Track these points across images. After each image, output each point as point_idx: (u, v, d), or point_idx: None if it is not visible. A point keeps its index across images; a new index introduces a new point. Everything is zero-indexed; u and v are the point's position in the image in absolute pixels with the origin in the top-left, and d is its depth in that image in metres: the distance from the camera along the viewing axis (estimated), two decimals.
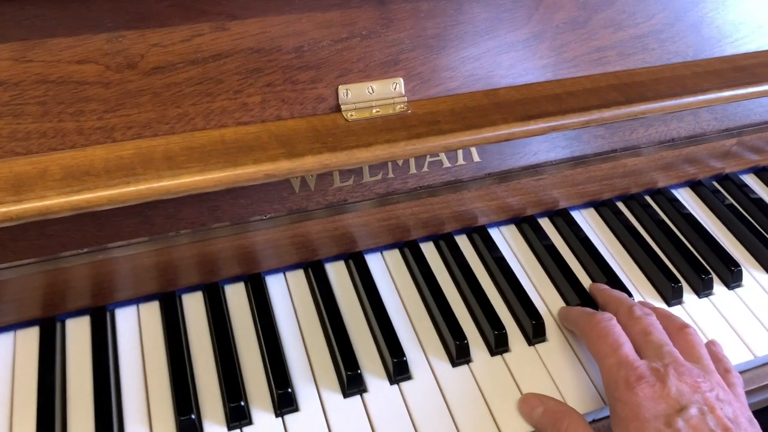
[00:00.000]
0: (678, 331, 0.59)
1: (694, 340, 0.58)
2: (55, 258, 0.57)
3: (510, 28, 0.62)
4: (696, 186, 0.84)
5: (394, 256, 0.72)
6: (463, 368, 0.61)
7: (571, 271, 0.70)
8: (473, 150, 0.64)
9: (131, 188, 0.47)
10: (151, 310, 0.64)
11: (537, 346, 0.64)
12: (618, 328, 0.58)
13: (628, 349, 0.56)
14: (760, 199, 0.82)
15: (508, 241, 0.75)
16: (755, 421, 0.52)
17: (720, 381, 0.54)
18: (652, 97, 0.61)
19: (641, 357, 0.55)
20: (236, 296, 0.66)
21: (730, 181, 0.85)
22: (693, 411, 0.49)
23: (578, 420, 0.54)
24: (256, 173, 0.49)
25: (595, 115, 0.59)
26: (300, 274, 0.69)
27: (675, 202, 0.81)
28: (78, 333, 0.62)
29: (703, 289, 0.70)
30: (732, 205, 0.81)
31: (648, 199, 0.81)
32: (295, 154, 0.51)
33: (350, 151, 0.52)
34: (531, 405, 0.57)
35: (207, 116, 0.54)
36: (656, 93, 0.62)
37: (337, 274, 0.70)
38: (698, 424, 0.49)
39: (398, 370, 0.60)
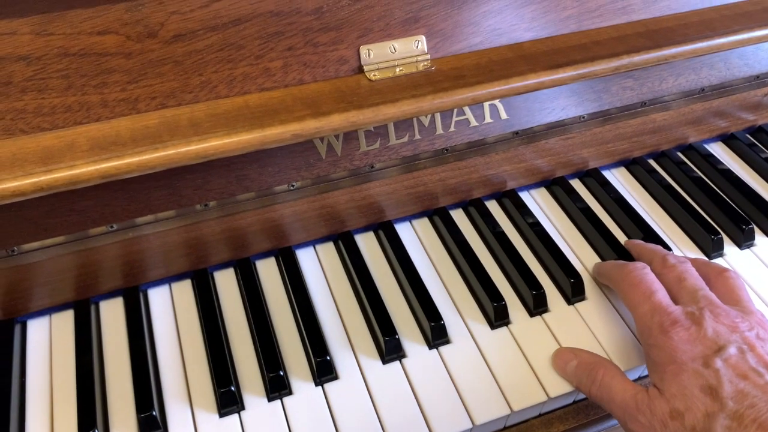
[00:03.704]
0: (717, 275, 0.57)
1: (734, 283, 0.56)
2: (85, 237, 0.56)
3: None
4: (729, 140, 0.82)
5: (423, 224, 0.71)
6: (503, 330, 0.60)
7: (607, 229, 0.68)
8: (500, 106, 0.63)
9: (160, 153, 0.47)
10: (184, 289, 0.64)
11: (577, 305, 0.62)
12: (651, 276, 0.56)
13: (662, 295, 0.54)
14: None
15: (539, 203, 0.74)
16: None
17: (761, 320, 0.52)
18: (682, 41, 0.60)
19: (676, 304, 0.54)
20: (268, 271, 0.66)
21: (764, 132, 0.82)
22: (732, 350, 0.48)
23: (613, 369, 0.53)
24: (283, 134, 0.48)
25: (625, 60, 0.57)
26: (330, 246, 0.68)
27: (710, 157, 0.79)
28: (112, 314, 0.61)
29: (744, 240, 0.68)
30: None
31: (680, 155, 0.79)
32: (321, 113, 0.50)
33: (377, 108, 0.51)
34: (564, 359, 0.56)
35: (230, 83, 0.53)
36: (685, 37, 0.61)
37: (368, 244, 0.69)
38: (738, 362, 0.47)
39: (436, 334, 0.58)
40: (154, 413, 0.52)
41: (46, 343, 0.59)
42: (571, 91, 0.65)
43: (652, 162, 0.79)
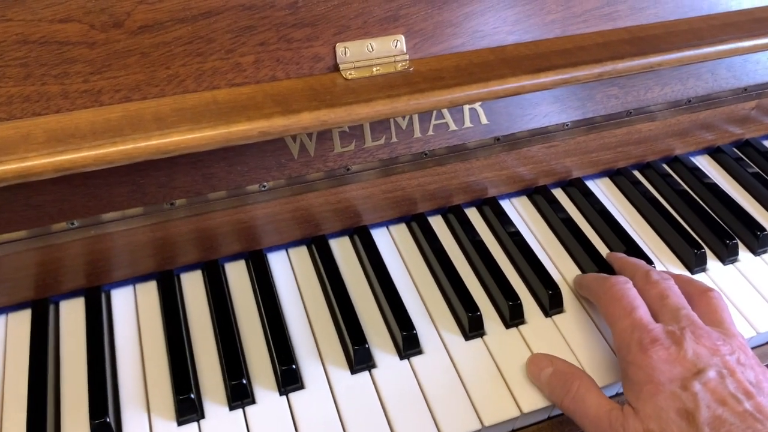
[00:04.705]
0: (700, 294, 0.55)
1: (717, 303, 0.54)
2: (46, 234, 0.54)
3: None
4: (716, 153, 0.81)
5: (401, 230, 0.69)
6: (477, 341, 0.58)
7: (589, 241, 0.67)
8: (480, 111, 0.61)
9: (118, 148, 0.44)
10: (149, 290, 0.61)
11: (554, 317, 0.60)
12: (632, 291, 0.54)
13: (642, 312, 0.52)
14: None
15: (520, 212, 0.72)
16: None
17: (742, 344, 0.50)
18: (668, 49, 0.58)
19: (657, 321, 0.52)
20: (237, 274, 0.63)
21: (751, 147, 0.81)
22: (711, 374, 0.46)
23: (589, 382, 0.51)
24: (249, 131, 0.46)
25: (608, 66, 0.56)
26: (303, 250, 0.66)
27: (696, 170, 0.77)
28: (72, 315, 0.59)
29: (727, 255, 0.66)
30: (757, 173, 0.77)
31: (666, 167, 0.78)
32: (291, 111, 0.48)
33: (349, 107, 0.49)
34: (539, 365, 0.54)
35: (198, 78, 0.51)
36: (671, 44, 0.59)
37: (342, 249, 0.67)
38: (717, 387, 0.45)
39: (408, 344, 0.56)
40: (107, 420, 0.50)
41: (1, 344, 0.57)
42: (553, 98, 0.64)
43: (636, 173, 0.77)
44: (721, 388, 0.45)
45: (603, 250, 0.68)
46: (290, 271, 0.64)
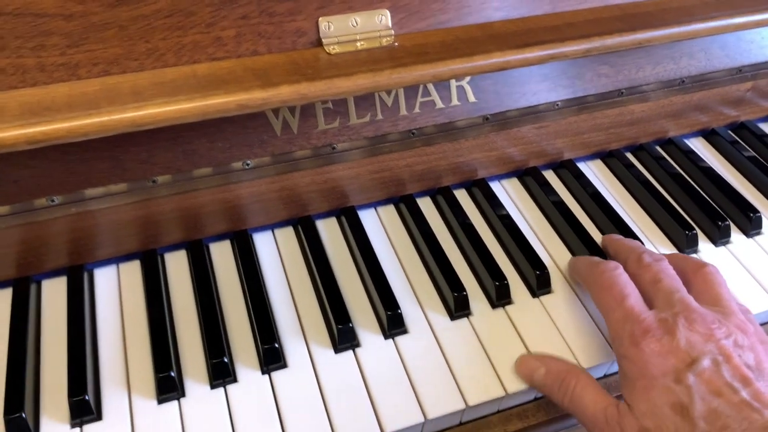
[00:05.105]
0: (695, 271, 0.54)
1: (713, 279, 0.53)
2: (26, 211, 0.53)
3: None
4: (710, 135, 0.80)
5: (389, 211, 0.68)
6: (463, 321, 0.57)
7: (579, 223, 0.66)
8: (468, 88, 0.60)
9: (93, 120, 0.44)
10: (132, 270, 0.61)
11: (542, 297, 0.60)
12: (623, 278, 0.53)
13: (633, 300, 0.50)
14: None
15: (510, 194, 0.71)
16: None
17: (741, 322, 0.48)
18: (658, 25, 0.57)
19: (651, 307, 0.50)
20: (222, 254, 0.63)
21: (746, 130, 0.80)
22: (705, 363, 0.44)
23: (585, 378, 0.50)
24: (227, 104, 0.46)
25: (597, 42, 0.55)
26: (289, 231, 0.66)
27: (690, 153, 0.76)
28: (54, 294, 0.58)
29: (719, 236, 0.66)
30: (752, 156, 0.76)
31: (659, 149, 0.77)
32: (270, 84, 0.47)
33: (330, 81, 0.48)
34: (530, 368, 0.52)
35: (178, 52, 0.51)
36: (662, 21, 0.58)
37: (329, 230, 0.66)
38: (711, 377, 0.44)
39: (392, 324, 0.56)
40: (86, 397, 0.49)
41: None
42: (542, 76, 0.63)
43: (629, 155, 0.76)
44: (716, 378, 0.44)
45: (594, 232, 0.67)
46: (276, 251, 0.63)
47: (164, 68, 0.50)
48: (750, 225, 0.67)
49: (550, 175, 0.73)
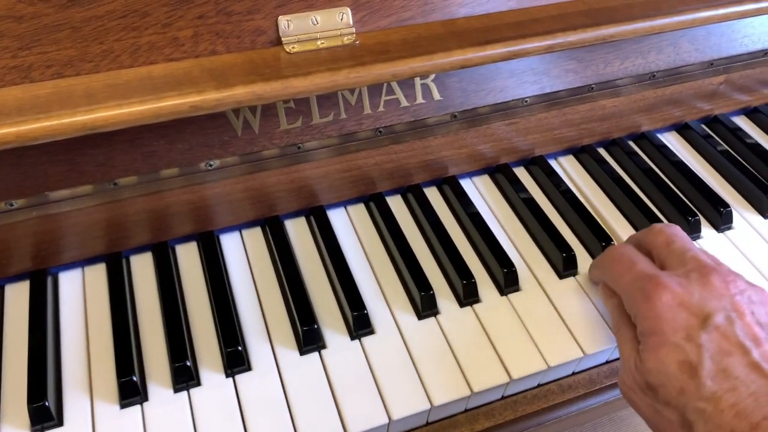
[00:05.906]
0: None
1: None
2: None
3: None
4: (683, 129, 0.79)
5: (359, 210, 0.68)
6: (430, 320, 0.57)
7: (549, 220, 0.65)
8: (432, 86, 0.59)
9: (42, 124, 0.43)
10: (98, 273, 0.60)
11: (510, 296, 0.59)
12: (630, 249, 0.52)
13: (643, 265, 0.50)
14: (757, 144, 0.76)
15: (481, 192, 0.71)
16: None
17: (751, 283, 0.47)
18: (624, 20, 0.57)
19: (664, 270, 0.50)
20: (188, 256, 0.62)
21: (720, 123, 0.80)
22: (719, 319, 0.43)
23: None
24: (179, 105, 0.45)
25: (560, 38, 0.54)
26: (257, 231, 0.65)
27: (663, 148, 0.76)
28: (17, 299, 0.58)
29: (690, 232, 0.65)
30: (725, 150, 0.75)
31: (632, 144, 0.77)
32: (225, 85, 0.47)
33: (286, 80, 0.47)
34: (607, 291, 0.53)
35: (134, 53, 0.50)
36: (628, 16, 0.58)
37: (297, 230, 0.65)
38: (724, 334, 0.43)
39: (359, 324, 0.55)
40: (46, 403, 0.49)
41: None
42: (509, 72, 0.62)
43: (601, 151, 0.76)
44: (729, 335, 0.43)
45: (564, 228, 0.66)
46: (243, 252, 0.63)
47: (120, 70, 0.49)
48: (721, 220, 0.66)
49: (521, 172, 0.73)
